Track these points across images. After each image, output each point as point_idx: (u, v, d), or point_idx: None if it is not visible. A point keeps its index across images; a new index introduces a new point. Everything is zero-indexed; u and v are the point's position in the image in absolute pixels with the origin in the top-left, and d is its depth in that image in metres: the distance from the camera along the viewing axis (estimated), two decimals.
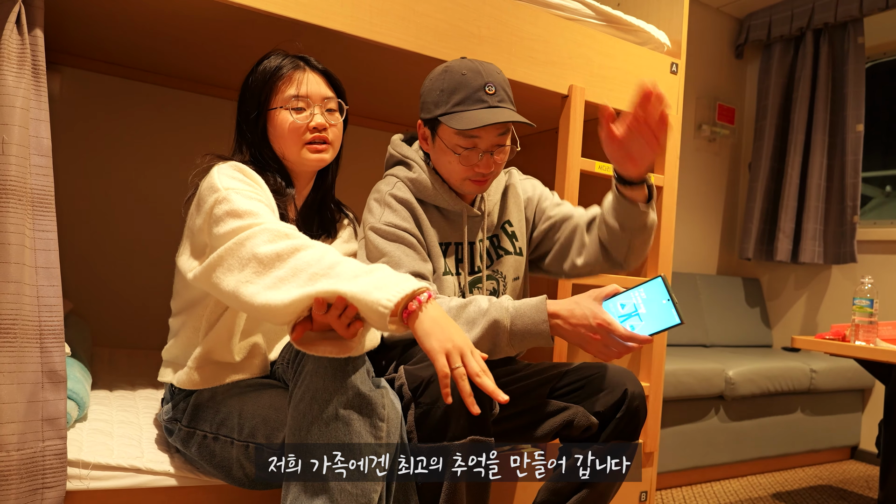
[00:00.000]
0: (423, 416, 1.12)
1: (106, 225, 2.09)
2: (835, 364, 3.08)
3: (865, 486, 2.85)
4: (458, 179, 1.37)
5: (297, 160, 1.29)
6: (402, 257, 1.29)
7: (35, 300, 1.14)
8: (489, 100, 1.31)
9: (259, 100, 1.28)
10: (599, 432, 1.33)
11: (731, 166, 3.95)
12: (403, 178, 1.40)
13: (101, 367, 1.83)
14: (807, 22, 3.50)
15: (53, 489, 1.13)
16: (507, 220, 1.52)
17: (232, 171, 1.17)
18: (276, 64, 1.29)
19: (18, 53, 1.15)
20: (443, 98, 1.32)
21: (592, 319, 1.19)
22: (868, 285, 2.12)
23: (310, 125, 1.27)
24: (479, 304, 1.23)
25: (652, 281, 1.22)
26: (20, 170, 1.13)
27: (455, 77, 1.32)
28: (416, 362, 1.18)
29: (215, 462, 1.21)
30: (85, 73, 2.04)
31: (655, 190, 1.42)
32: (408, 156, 1.42)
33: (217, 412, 1.21)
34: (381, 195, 1.37)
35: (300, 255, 1.00)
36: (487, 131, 1.32)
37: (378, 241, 1.31)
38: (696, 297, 3.48)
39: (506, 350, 1.23)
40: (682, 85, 2.05)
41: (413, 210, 1.37)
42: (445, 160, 1.36)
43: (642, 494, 1.95)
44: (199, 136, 2.22)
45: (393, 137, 1.50)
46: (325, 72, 1.34)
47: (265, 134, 1.30)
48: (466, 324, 1.22)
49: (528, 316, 1.21)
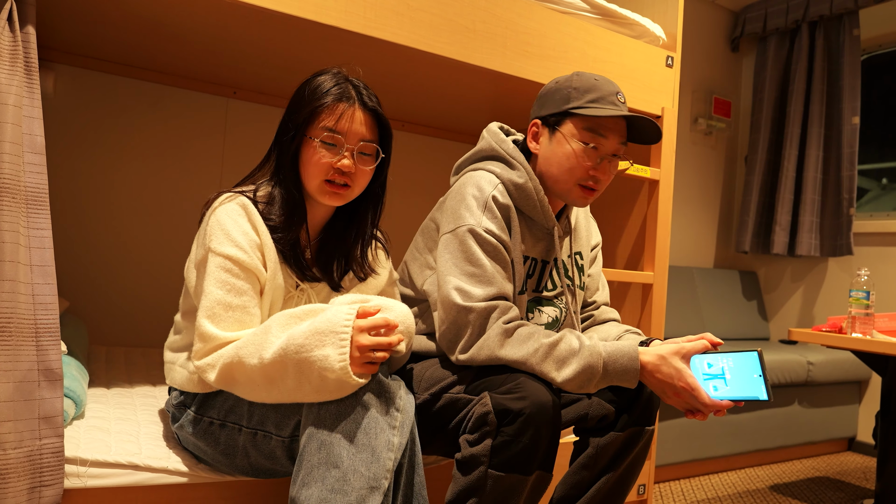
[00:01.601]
0: (503, 446, 1.14)
1: (101, 223, 2.09)
2: (832, 356, 3.09)
3: (863, 478, 2.86)
4: (569, 182, 1.34)
5: (312, 194, 1.25)
6: (495, 275, 1.27)
7: (30, 298, 1.14)
8: (621, 107, 1.33)
9: (298, 121, 1.22)
10: (615, 421, 1.34)
11: (728, 159, 3.95)
12: (506, 181, 1.35)
13: (98, 366, 1.83)
14: (802, 14, 3.50)
15: (51, 487, 1.13)
16: (578, 252, 1.51)
17: (230, 226, 1.19)
18: (326, 88, 1.22)
19: (10, 50, 1.15)
20: (576, 94, 1.33)
21: (678, 381, 1.21)
22: (864, 277, 2.13)
23: (335, 164, 1.22)
24: (570, 343, 1.22)
25: (748, 352, 1.20)
26: (14, 167, 1.12)
27: (588, 80, 1.35)
28: (504, 392, 1.17)
29: (220, 448, 1.23)
30: (78, 71, 2.03)
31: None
32: (513, 155, 1.38)
33: (227, 399, 1.22)
34: (484, 195, 1.31)
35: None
36: (615, 133, 1.33)
37: (474, 248, 1.28)
38: (692, 291, 3.48)
39: (590, 390, 1.24)
40: (677, 78, 2.05)
41: (510, 220, 1.34)
42: (563, 155, 1.33)
43: (640, 487, 1.95)
44: (193, 132, 2.21)
45: (491, 125, 1.46)
46: (374, 111, 1.25)
47: (296, 157, 1.24)
48: (556, 362, 1.21)
49: (620, 364, 1.22)
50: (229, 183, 2.21)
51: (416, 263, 1.44)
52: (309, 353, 1.05)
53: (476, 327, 1.24)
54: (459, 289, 1.26)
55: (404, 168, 2.62)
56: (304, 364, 1.05)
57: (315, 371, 1.05)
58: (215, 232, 1.19)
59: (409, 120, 2.56)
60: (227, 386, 1.14)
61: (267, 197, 1.25)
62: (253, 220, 1.21)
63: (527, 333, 1.23)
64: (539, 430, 1.13)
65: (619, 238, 2.18)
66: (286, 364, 1.07)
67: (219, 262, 1.17)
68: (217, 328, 1.14)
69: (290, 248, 1.25)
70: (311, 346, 1.05)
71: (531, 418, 1.12)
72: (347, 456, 1.01)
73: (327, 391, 1.06)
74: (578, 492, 1.35)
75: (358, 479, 1.00)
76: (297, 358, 1.06)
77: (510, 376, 1.19)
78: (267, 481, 1.33)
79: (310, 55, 1.73)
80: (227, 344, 1.13)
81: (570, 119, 1.33)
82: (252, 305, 1.18)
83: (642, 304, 2.04)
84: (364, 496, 0.99)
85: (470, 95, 2.01)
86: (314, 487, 1.00)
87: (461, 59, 1.63)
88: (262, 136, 1.38)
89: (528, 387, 1.15)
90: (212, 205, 1.24)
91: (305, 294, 1.29)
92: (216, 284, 1.16)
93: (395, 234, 2.43)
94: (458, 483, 1.17)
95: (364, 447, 1.02)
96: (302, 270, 1.27)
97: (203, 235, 1.22)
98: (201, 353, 1.15)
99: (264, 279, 1.21)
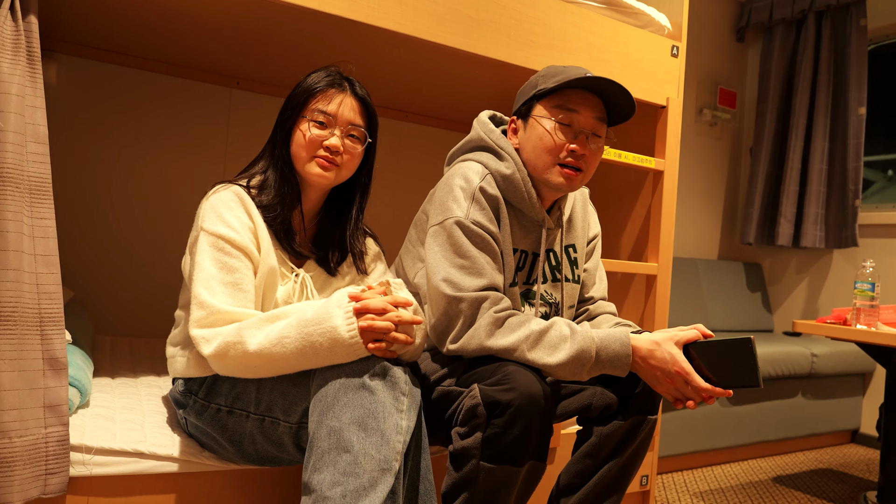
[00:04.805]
0: (493, 438, 1.14)
1: (105, 213, 2.09)
2: (836, 348, 3.09)
3: (866, 470, 2.86)
4: (547, 163, 1.32)
5: (302, 171, 1.30)
6: (485, 266, 1.27)
7: (34, 288, 1.14)
8: (591, 76, 1.30)
9: (293, 105, 1.31)
10: (618, 410, 1.34)
11: (733, 150, 3.93)
12: (494, 172, 1.34)
13: (103, 355, 1.84)
14: (809, 4, 3.47)
15: (57, 475, 1.14)
16: (571, 245, 1.49)
17: (222, 209, 1.23)
18: (320, 78, 1.31)
19: (13, 40, 1.14)
20: (542, 80, 1.33)
21: (671, 366, 1.21)
22: (870, 269, 2.12)
23: (324, 143, 1.28)
24: (560, 329, 1.22)
25: (739, 339, 1.20)
26: (17, 157, 1.12)
27: (556, 67, 1.35)
28: (493, 383, 1.16)
29: (227, 435, 1.24)
30: (81, 61, 2.03)
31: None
32: (502, 146, 1.36)
33: (234, 385, 1.23)
34: (471, 186, 1.30)
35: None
36: (586, 108, 1.31)
37: (462, 240, 1.27)
38: (697, 282, 3.47)
39: (582, 377, 1.24)
40: (682, 68, 2.04)
41: (498, 211, 1.33)
42: (536, 136, 1.32)
43: (643, 479, 1.96)
44: (196, 122, 2.21)
45: (481, 115, 1.45)
46: (363, 100, 1.33)
47: (289, 138, 1.31)
48: (548, 348, 1.21)
49: (612, 349, 1.22)
50: (232, 173, 2.21)
51: (409, 256, 1.43)
52: (317, 326, 1.09)
53: (467, 317, 1.24)
54: (448, 280, 1.25)
55: (407, 158, 2.61)
56: (311, 335, 1.09)
57: (325, 337, 1.08)
58: (208, 214, 1.24)
59: (412, 110, 2.55)
60: (221, 359, 1.14)
61: (259, 183, 1.31)
62: (246, 205, 1.26)
63: (517, 322, 1.23)
64: (529, 421, 1.12)
65: (624, 229, 2.18)
66: (291, 336, 1.10)
67: (211, 241, 1.21)
68: (214, 299, 1.16)
69: (282, 227, 1.30)
70: (318, 319, 1.10)
71: (521, 409, 1.12)
72: (357, 440, 1.02)
73: (335, 354, 1.09)
74: (581, 480, 1.35)
75: (369, 462, 1.01)
76: (305, 331, 1.09)
77: (499, 367, 1.19)
78: (272, 470, 1.33)
79: (313, 45, 1.73)
80: (225, 316, 1.15)
81: (539, 102, 1.33)
82: (246, 282, 1.21)
83: (646, 296, 2.04)
84: (376, 478, 1.00)
85: (473, 85, 2.01)
86: (326, 472, 1.01)
87: (464, 49, 1.63)
88: (266, 126, 1.39)
89: (518, 377, 1.14)
90: (206, 195, 1.29)
91: (301, 279, 1.31)
92: (210, 261, 1.19)
93: (400, 225, 2.43)
94: (451, 476, 1.18)
95: (373, 431, 1.03)
96: (294, 250, 1.32)
97: (196, 221, 1.26)
98: (200, 322, 1.16)
99: (257, 260, 1.24)
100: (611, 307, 1.55)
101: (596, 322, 1.50)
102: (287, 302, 1.28)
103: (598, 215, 1.67)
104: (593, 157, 1.34)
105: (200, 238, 1.21)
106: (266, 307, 1.26)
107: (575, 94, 1.32)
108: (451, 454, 1.19)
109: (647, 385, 1.31)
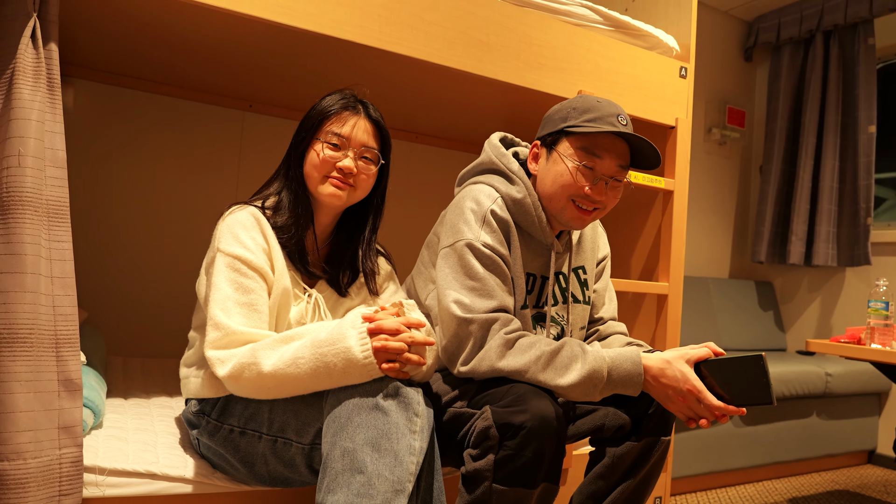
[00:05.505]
0: (506, 460, 1.13)
1: (119, 235, 2.11)
2: (850, 367, 3.05)
3: (883, 491, 2.81)
4: (562, 200, 1.33)
5: (315, 192, 1.32)
6: (495, 288, 1.27)
7: (51, 309, 1.15)
8: (621, 127, 1.30)
9: (308, 127, 1.32)
10: (631, 431, 1.33)
11: (742, 169, 3.93)
12: (505, 195, 1.35)
13: (116, 376, 1.85)
14: (816, 24, 3.48)
15: (70, 496, 1.14)
16: (581, 266, 1.49)
17: (238, 230, 1.24)
18: (334, 101, 1.33)
19: (34, 67, 1.17)
20: (574, 114, 1.32)
21: (683, 384, 1.20)
22: (883, 287, 2.10)
23: (337, 164, 1.29)
24: (571, 350, 1.22)
25: (751, 356, 1.19)
26: (36, 181, 1.14)
27: (589, 101, 1.33)
28: (505, 405, 1.16)
29: (239, 456, 1.24)
30: (98, 86, 2.07)
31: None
32: (513, 170, 1.37)
33: (247, 406, 1.23)
34: (482, 209, 1.32)
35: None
36: (612, 155, 1.31)
37: (473, 262, 1.28)
38: (708, 302, 3.46)
39: (594, 398, 1.24)
40: (691, 89, 2.05)
41: (509, 234, 1.34)
42: (556, 173, 1.32)
43: (657, 500, 1.94)
44: (209, 145, 2.24)
45: (492, 137, 1.46)
46: (376, 122, 1.35)
47: (303, 160, 1.33)
48: (559, 369, 1.20)
49: (623, 368, 1.22)
50: (245, 194, 2.23)
51: (421, 278, 1.44)
52: (331, 346, 1.10)
53: (477, 339, 1.24)
54: (459, 302, 1.26)
55: (417, 179, 2.63)
56: (325, 355, 1.10)
57: (339, 357, 1.09)
58: (224, 235, 1.25)
59: (423, 132, 2.57)
60: (235, 381, 1.15)
61: (274, 204, 1.33)
62: (262, 226, 1.27)
63: (528, 343, 1.23)
64: (542, 443, 1.12)
65: (634, 248, 2.17)
66: (305, 357, 1.11)
67: (228, 262, 1.22)
68: (230, 320, 1.17)
69: (296, 247, 1.31)
70: (332, 340, 1.11)
71: (533, 431, 1.11)
72: (371, 461, 1.02)
73: (349, 375, 1.09)
74: (595, 502, 1.34)
75: (383, 483, 1.00)
76: (319, 351, 1.10)
77: (511, 389, 1.18)
78: (284, 491, 1.33)
79: (325, 68, 1.75)
80: (240, 337, 1.16)
81: (566, 138, 1.33)
82: (261, 303, 1.22)
83: (657, 315, 2.03)
84: (389, 499, 1.00)
85: (483, 107, 2.02)
86: (340, 493, 1.00)
87: (475, 72, 1.65)
88: (278, 149, 1.41)
89: (530, 399, 1.14)
90: (223, 215, 1.30)
91: (314, 299, 1.32)
92: (226, 282, 1.20)
93: (411, 246, 2.44)
94: (464, 498, 1.17)
95: (387, 452, 1.03)
96: (308, 271, 1.33)
97: (213, 241, 1.28)
98: (215, 343, 1.17)
99: (271, 281, 1.25)
100: (621, 327, 1.55)
101: (607, 342, 1.49)
102: (300, 322, 1.29)
103: (609, 235, 1.67)
104: (609, 201, 1.35)
105: (217, 259, 1.23)
106: (279, 328, 1.27)
107: (604, 139, 1.32)
108: (463, 476, 1.18)
109: (661, 406, 1.30)
